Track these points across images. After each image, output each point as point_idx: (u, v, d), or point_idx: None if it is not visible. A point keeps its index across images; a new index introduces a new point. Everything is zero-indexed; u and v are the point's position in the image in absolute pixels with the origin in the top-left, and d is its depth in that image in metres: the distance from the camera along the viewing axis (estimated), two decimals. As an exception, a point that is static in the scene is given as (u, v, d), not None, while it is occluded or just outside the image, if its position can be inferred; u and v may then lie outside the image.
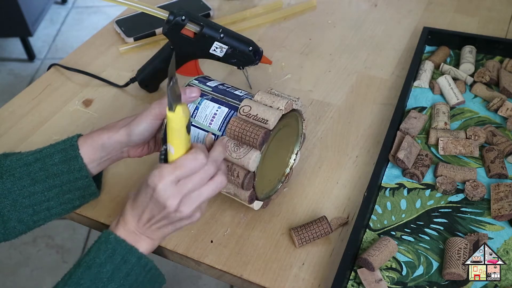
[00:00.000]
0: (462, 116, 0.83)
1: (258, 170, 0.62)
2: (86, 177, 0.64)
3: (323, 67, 0.96)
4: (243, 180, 0.61)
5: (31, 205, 0.62)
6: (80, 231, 1.63)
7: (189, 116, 0.54)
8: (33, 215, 0.63)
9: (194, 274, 1.51)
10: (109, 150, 0.64)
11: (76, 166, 0.63)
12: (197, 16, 0.79)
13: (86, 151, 0.63)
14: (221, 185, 0.56)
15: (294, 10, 1.09)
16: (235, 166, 0.61)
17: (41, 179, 0.62)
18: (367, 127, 0.83)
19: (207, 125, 0.63)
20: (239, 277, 0.64)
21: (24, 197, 0.62)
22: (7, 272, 1.57)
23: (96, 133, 0.64)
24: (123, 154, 0.67)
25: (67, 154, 0.63)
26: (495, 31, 1.01)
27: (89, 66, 0.97)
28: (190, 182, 0.54)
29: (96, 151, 0.64)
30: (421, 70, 0.89)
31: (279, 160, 0.70)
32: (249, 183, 0.61)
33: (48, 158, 0.63)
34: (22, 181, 0.62)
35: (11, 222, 0.61)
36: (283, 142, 0.69)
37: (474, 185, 0.70)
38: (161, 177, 0.53)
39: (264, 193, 0.69)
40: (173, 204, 0.53)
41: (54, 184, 0.63)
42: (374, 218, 0.69)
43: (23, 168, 0.62)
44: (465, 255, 0.62)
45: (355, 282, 0.62)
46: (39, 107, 0.89)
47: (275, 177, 0.71)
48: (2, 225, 0.61)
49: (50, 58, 2.42)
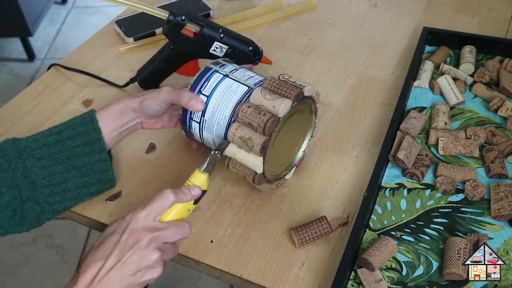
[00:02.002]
0: (462, 116, 0.83)
1: (270, 152, 0.65)
2: (105, 160, 0.67)
3: (323, 67, 0.96)
4: (267, 121, 0.62)
5: (49, 185, 0.64)
6: (80, 231, 1.63)
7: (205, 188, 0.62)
8: (49, 195, 0.64)
9: (194, 274, 1.51)
10: (128, 118, 0.69)
11: (98, 148, 0.66)
12: (197, 16, 0.79)
13: (108, 121, 0.67)
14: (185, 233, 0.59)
15: (294, 10, 1.09)
16: (264, 107, 0.64)
17: (62, 160, 0.65)
18: (367, 127, 0.83)
19: (244, 80, 0.68)
20: (239, 277, 0.64)
21: (44, 177, 0.64)
22: (7, 272, 1.57)
23: (116, 102, 0.69)
24: (138, 125, 0.71)
25: (90, 137, 0.66)
26: (495, 31, 1.01)
27: (89, 66, 0.97)
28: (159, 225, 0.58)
29: (117, 119, 0.68)
30: (421, 70, 0.89)
31: (290, 145, 0.72)
32: (270, 127, 0.62)
33: (70, 140, 0.66)
34: (43, 162, 0.64)
35: (28, 202, 0.63)
36: (295, 128, 0.70)
37: (474, 185, 0.70)
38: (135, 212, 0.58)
39: (275, 175, 0.70)
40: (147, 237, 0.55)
41: (74, 165, 0.65)
42: (374, 218, 0.69)
43: (43, 149, 0.64)
44: (465, 255, 0.62)
45: (355, 282, 0.62)
46: (39, 107, 0.89)
47: (286, 160, 0.72)
48: (20, 205, 0.62)
49: (50, 58, 2.42)
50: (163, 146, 0.81)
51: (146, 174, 0.77)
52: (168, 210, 0.59)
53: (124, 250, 0.54)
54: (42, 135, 0.66)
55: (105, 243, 0.55)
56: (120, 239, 0.55)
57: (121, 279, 0.54)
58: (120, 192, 0.73)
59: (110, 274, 0.53)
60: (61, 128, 0.67)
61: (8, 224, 0.63)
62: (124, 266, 0.54)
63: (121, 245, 0.55)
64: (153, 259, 0.55)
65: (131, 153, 0.80)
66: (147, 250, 0.55)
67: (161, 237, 0.57)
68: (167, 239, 0.58)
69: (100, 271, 0.53)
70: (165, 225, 0.58)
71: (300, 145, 0.74)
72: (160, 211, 0.58)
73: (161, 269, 0.56)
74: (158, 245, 0.56)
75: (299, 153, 0.74)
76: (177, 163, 0.78)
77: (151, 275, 0.56)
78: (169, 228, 0.58)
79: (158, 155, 0.80)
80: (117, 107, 0.68)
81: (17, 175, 0.62)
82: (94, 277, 0.53)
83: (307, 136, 0.74)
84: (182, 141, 0.81)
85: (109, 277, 0.53)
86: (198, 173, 0.62)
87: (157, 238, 0.56)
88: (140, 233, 0.56)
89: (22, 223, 0.63)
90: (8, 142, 0.65)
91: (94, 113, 0.67)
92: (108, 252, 0.54)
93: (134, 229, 0.56)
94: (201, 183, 0.62)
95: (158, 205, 0.58)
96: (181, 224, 0.59)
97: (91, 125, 0.66)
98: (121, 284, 0.54)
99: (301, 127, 0.73)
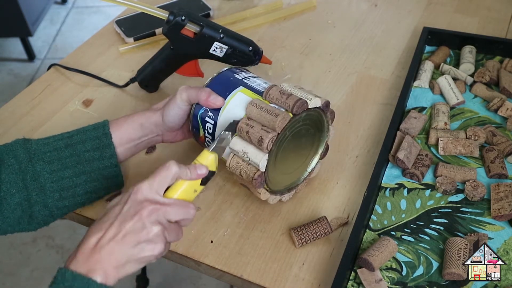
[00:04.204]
0: (462, 116, 0.83)
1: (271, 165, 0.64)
2: (115, 166, 0.67)
3: (323, 67, 0.96)
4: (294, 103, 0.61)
5: (58, 190, 0.64)
6: (80, 231, 1.63)
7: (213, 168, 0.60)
8: (58, 200, 0.64)
9: (194, 274, 1.51)
10: (147, 131, 0.69)
11: (108, 153, 0.66)
12: (197, 16, 0.79)
13: (126, 131, 0.67)
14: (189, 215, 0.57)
15: (294, 10, 1.09)
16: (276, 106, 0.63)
17: (72, 164, 0.65)
18: (367, 127, 0.83)
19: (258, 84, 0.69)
20: (239, 277, 0.64)
21: (53, 181, 0.64)
22: (7, 272, 1.57)
23: (136, 115, 0.69)
24: (158, 137, 0.71)
25: (101, 142, 0.66)
26: (495, 31, 1.01)
27: (89, 66, 0.97)
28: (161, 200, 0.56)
29: (135, 131, 0.68)
30: (421, 70, 0.89)
31: (299, 157, 0.70)
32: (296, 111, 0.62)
33: (80, 144, 0.65)
34: (52, 166, 0.64)
35: (37, 205, 0.63)
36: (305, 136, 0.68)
37: (474, 185, 0.70)
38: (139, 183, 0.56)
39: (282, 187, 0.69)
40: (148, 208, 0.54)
41: (84, 170, 0.65)
42: (374, 218, 0.69)
43: (53, 153, 0.64)
44: (465, 255, 0.62)
45: (355, 282, 0.62)
46: (39, 107, 0.89)
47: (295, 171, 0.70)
48: (29, 209, 0.63)
49: (50, 58, 2.42)
50: (163, 146, 0.81)
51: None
52: (174, 188, 0.57)
53: (125, 220, 0.53)
54: (53, 139, 0.66)
55: (108, 214, 0.54)
56: (122, 209, 0.54)
57: (121, 251, 0.52)
58: (120, 192, 0.73)
59: (111, 244, 0.52)
60: (73, 133, 0.67)
61: (16, 223, 0.63)
62: (124, 236, 0.53)
63: (122, 215, 0.54)
64: (154, 232, 0.54)
65: (131, 153, 0.80)
66: (148, 221, 0.54)
67: (163, 211, 0.55)
68: (170, 215, 0.55)
69: (101, 239, 0.52)
70: (168, 200, 0.56)
71: (307, 162, 0.72)
72: (163, 182, 0.56)
73: (163, 246, 0.55)
74: (160, 219, 0.55)
75: (306, 172, 0.72)
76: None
77: (151, 251, 0.54)
78: (172, 204, 0.56)
79: (158, 155, 0.80)
80: (138, 120, 0.68)
81: (27, 178, 0.62)
82: (95, 245, 0.52)
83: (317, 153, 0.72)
84: (183, 142, 0.81)
85: (110, 247, 0.52)
86: (207, 153, 0.59)
87: (159, 211, 0.54)
88: (142, 204, 0.54)
89: (30, 222, 0.64)
90: (19, 142, 0.65)
91: (108, 122, 0.68)
92: (110, 222, 0.53)
93: (136, 199, 0.55)
94: (209, 163, 0.59)
95: (161, 176, 0.56)
96: (185, 203, 0.57)
97: (102, 130, 0.66)
98: (121, 256, 0.52)
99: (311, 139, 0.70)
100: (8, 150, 0.64)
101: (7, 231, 0.63)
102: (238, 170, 0.65)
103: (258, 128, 0.62)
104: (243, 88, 0.67)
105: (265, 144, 0.61)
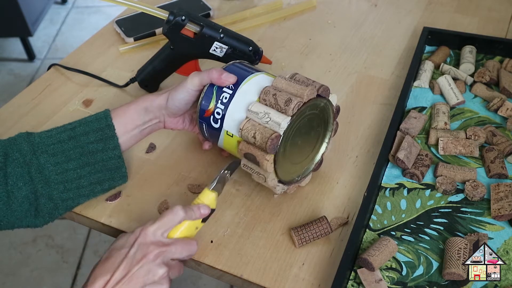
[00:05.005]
0: (462, 116, 0.83)
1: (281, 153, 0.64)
2: (119, 157, 0.67)
3: (323, 67, 0.96)
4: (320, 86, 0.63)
5: (63, 182, 0.64)
6: (80, 231, 1.63)
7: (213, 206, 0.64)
8: (63, 192, 0.65)
9: (194, 274, 1.51)
10: (151, 116, 0.69)
11: (111, 145, 0.66)
12: (197, 16, 0.79)
13: (130, 117, 0.68)
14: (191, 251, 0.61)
15: (294, 10, 1.09)
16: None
17: (76, 156, 0.65)
18: (367, 127, 0.83)
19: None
20: (239, 277, 0.64)
21: (58, 173, 0.64)
22: (7, 272, 1.57)
23: (140, 99, 0.69)
24: (160, 124, 0.71)
25: (104, 134, 0.66)
26: (495, 31, 1.01)
27: (89, 66, 0.97)
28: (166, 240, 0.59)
29: (140, 116, 0.68)
30: (421, 70, 0.89)
31: (307, 146, 0.71)
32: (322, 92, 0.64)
33: (83, 136, 0.66)
34: (56, 158, 0.64)
35: (42, 198, 0.63)
36: (313, 129, 0.69)
37: (474, 185, 0.70)
38: (145, 226, 0.58)
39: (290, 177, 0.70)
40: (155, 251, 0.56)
41: (88, 162, 0.65)
42: (374, 218, 0.69)
43: (57, 145, 0.65)
44: (465, 255, 0.62)
45: (355, 282, 0.62)
46: (39, 107, 0.89)
47: (302, 162, 0.71)
48: (35, 201, 0.63)
49: (50, 58, 2.42)
50: (163, 146, 0.81)
51: (146, 174, 0.77)
52: (177, 227, 0.60)
53: (132, 264, 0.55)
54: (56, 131, 0.66)
55: (114, 256, 0.56)
56: (128, 253, 0.55)
57: None
58: (120, 192, 0.73)
59: (118, 287, 0.54)
60: (75, 124, 0.67)
61: (24, 216, 0.63)
62: (131, 279, 0.54)
63: (129, 259, 0.55)
64: (160, 274, 0.56)
65: (131, 153, 0.79)
66: (154, 264, 0.55)
67: (169, 252, 0.57)
68: (175, 255, 0.58)
69: (108, 283, 0.54)
70: (173, 241, 0.59)
71: (317, 150, 0.73)
72: (170, 226, 0.59)
73: (167, 286, 0.57)
74: (166, 260, 0.57)
75: (316, 158, 0.73)
76: (177, 163, 0.78)
77: None
78: (177, 244, 0.58)
79: (158, 155, 0.80)
80: (142, 104, 0.69)
81: (32, 171, 0.63)
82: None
83: (325, 140, 0.73)
84: (183, 141, 0.81)
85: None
86: (208, 192, 0.63)
87: (165, 253, 0.57)
88: (148, 247, 0.56)
89: (37, 216, 0.64)
90: (23, 136, 0.65)
91: (109, 111, 0.68)
92: (116, 265, 0.55)
93: (143, 243, 0.56)
94: (209, 202, 0.63)
95: (168, 220, 0.59)
96: (188, 241, 0.60)
97: (105, 122, 0.67)
98: None
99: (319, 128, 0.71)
100: (12, 144, 0.64)
101: (15, 224, 0.64)
102: (252, 131, 0.63)
103: (286, 93, 0.63)
104: (265, 72, 0.70)
105: (293, 105, 0.62)
